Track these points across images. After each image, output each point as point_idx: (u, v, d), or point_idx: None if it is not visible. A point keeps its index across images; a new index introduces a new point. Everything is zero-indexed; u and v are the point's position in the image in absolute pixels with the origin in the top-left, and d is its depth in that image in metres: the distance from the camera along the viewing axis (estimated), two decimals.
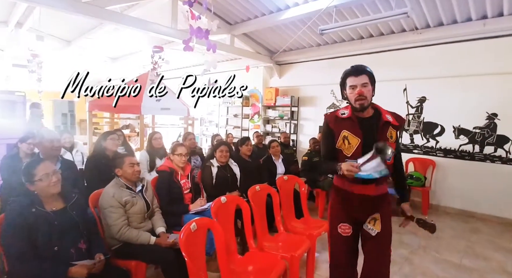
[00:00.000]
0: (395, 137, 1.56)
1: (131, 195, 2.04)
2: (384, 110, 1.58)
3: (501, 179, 3.95)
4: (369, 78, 1.49)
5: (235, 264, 1.93)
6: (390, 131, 1.52)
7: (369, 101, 1.50)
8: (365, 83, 1.47)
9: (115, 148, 2.87)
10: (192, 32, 2.43)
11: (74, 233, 1.64)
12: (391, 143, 1.49)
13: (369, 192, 1.53)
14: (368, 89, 1.49)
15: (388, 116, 1.54)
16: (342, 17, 4.26)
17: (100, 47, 7.27)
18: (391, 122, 1.53)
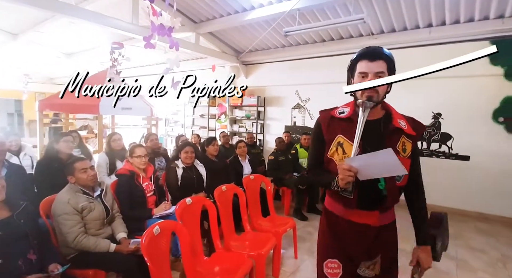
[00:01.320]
0: (409, 150, 1.13)
1: (89, 200, 1.92)
2: (397, 114, 1.19)
3: (445, 172, 4.41)
4: (387, 66, 1.10)
5: (201, 266, 1.91)
6: (402, 142, 1.13)
7: (381, 97, 1.11)
8: (381, 72, 1.09)
9: (70, 151, 2.68)
10: (154, 29, 2.35)
11: (22, 243, 1.51)
12: (404, 158, 1.11)
13: (371, 221, 1.15)
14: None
15: (401, 122, 1.15)
16: (305, 20, 4.41)
17: (53, 41, 6.70)
18: (405, 130, 1.13)
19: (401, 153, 1.12)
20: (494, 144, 4.09)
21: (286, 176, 4.08)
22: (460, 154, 4.34)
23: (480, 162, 4.22)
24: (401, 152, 1.12)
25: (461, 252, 3.05)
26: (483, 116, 4.12)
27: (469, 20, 3.96)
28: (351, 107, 1.19)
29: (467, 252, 3.06)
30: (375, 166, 0.99)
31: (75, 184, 1.94)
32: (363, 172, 1.01)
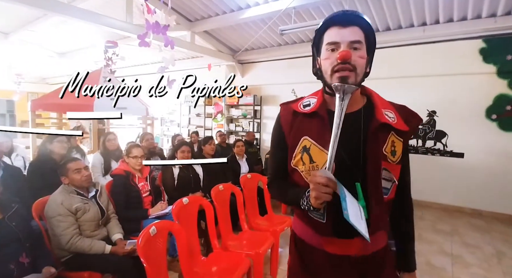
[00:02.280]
0: (400, 153, 0.86)
1: (83, 201, 1.89)
2: (383, 102, 0.89)
3: (440, 169, 4.43)
4: (364, 34, 0.81)
5: (198, 266, 1.89)
6: (391, 141, 0.84)
7: (359, 77, 0.80)
8: (357, 42, 0.79)
9: (63, 151, 2.64)
10: (149, 27, 2.31)
11: (14, 246, 1.48)
12: (392, 163, 0.84)
13: (352, 251, 0.86)
14: (361, 54, 0.80)
15: (388, 113, 0.85)
16: (301, 19, 4.40)
17: (45, 40, 6.60)
18: (393, 124, 0.83)
19: (390, 157, 0.84)
20: (488, 141, 4.12)
21: None
22: (455, 151, 4.37)
23: (474, 159, 4.26)
24: (389, 155, 0.84)
25: (456, 248, 3.07)
26: (476, 113, 4.15)
27: (462, 18, 3.99)
28: (319, 97, 0.89)
29: (462, 248, 3.08)
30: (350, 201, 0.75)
31: (69, 184, 1.90)
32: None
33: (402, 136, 0.87)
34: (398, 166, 0.87)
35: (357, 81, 0.80)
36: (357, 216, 0.73)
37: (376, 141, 0.83)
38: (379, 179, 0.84)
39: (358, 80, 0.80)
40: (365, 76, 0.84)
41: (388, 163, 0.85)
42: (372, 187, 0.84)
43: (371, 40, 0.84)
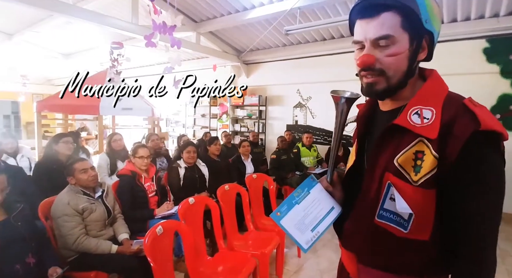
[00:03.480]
0: (427, 170, 0.61)
1: (89, 201, 1.88)
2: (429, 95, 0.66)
3: None
4: (402, 19, 0.62)
5: (204, 266, 1.87)
6: (414, 151, 0.63)
7: (394, 79, 0.66)
8: (383, 37, 0.63)
9: (69, 152, 2.64)
10: (155, 27, 2.31)
11: (19, 246, 1.47)
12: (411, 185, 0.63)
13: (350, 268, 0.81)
14: (391, 52, 0.64)
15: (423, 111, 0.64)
16: (306, 19, 4.38)
17: (50, 42, 6.65)
18: (411, 128, 0.63)
19: (408, 174, 0.63)
20: None
21: (289, 174, 4.05)
22: None
23: None
24: (407, 170, 0.63)
25: None
26: None
27: (466, 19, 3.97)
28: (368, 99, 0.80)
29: None
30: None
31: (75, 185, 1.90)
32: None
33: (441, 147, 0.59)
34: (419, 190, 0.61)
35: (392, 84, 0.66)
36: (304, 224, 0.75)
37: (379, 147, 0.69)
38: (368, 194, 0.70)
39: (394, 82, 0.66)
40: (411, 72, 0.67)
41: (402, 181, 0.64)
42: (359, 202, 0.73)
43: (414, 18, 0.62)
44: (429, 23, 0.62)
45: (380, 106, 0.76)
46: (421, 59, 0.68)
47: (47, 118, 5.31)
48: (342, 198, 0.83)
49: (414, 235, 0.64)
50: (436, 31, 0.65)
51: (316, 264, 2.64)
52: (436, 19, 0.64)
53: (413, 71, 0.68)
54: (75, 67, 8.14)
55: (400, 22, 0.63)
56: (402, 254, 0.67)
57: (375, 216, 0.69)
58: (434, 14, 0.63)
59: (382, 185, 0.67)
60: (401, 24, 0.63)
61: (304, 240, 0.74)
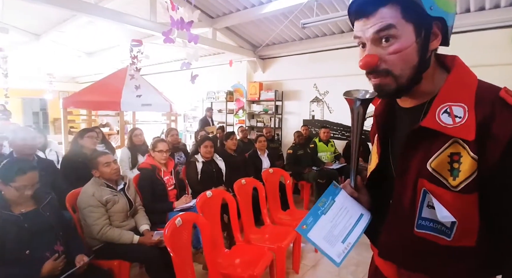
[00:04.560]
0: (467, 174, 0.55)
1: (112, 193, 1.97)
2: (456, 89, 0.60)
3: None
4: (402, 13, 0.57)
5: (222, 258, 1.92)
6: (449, 154, 0.58)
7: (403, 78, 0.60)
8: (384, 28, 0.57)
9: (94, 146, 2.76)
10: (173, 23, 2.34)
11: (48, 235, 1.56)
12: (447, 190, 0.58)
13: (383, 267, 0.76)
14: (395, 48, 0.58)
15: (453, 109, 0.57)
16: (323, 11, 4.28)
17: (74, 41, 6.92)
18: (448, 131, 0.57)
19: (445, 179, 0.58)
20: None
21: (305, 170, 4.03)
22: None
23: None
24: (444, 175, 0.58)
25: None
26: None
27: (495, 6, 3.73)
28: None
29: None
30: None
31: (99, 177, 1.98)
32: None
33: (480, 148, 0.54)
34: (459, 196, 0.56)
35: (402, 83, 0.60)
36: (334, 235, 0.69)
37: (408, 152, 0.62)
38: (402, 204, 0.65)
39: (403, 81, 0.60)
40: (423, 65, 0.60)
41: (439, 187, 0.58)
42: (392, 212, 0.67)
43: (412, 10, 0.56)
44: (436, 9, 0.55)
45: (399, 103, 0.70)
46: (434, 47, 0.61)
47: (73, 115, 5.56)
48: (369, 202, 0.77)
49: (459, 242, 0.59)
50: (449, 13, 0.58)
51: None
52: (445, 0, 0.57)
53: (427, 64, 0.61)
54: (97, 65, 8.45)
55: (400, 14, 0.56)
56: (447, 263, 0.62)
57: (414, 227, 0.63)
58: None
59: (416, 192, 0.62)
60: (402, 15, 0.56)
61: (335, 253, 0.68)
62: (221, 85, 6.75)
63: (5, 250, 1.42)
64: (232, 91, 6.60)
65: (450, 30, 0.61)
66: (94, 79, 8.21)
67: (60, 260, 1.50)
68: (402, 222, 0.65)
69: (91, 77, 9.83)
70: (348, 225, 0.71)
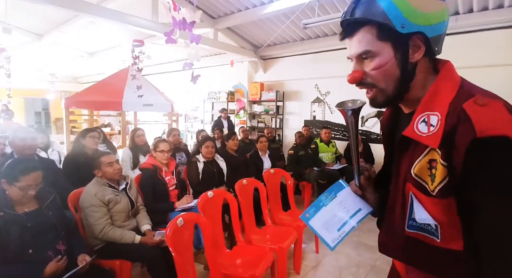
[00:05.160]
0: (440, 176, 0.58)
1: (114, 193, 1.97)
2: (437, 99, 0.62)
3: None
4: (378, 34, 0.62)
5: (223, 258, 1.92)
6: (429, 160, 0.61)
7: (389, 89, 0.66)
8: (362, 53, 0.65)
9: (95, 146, 2.77)
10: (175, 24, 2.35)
11: (51, 234, 1.57)
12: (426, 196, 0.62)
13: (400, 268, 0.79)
14: (375, 65, 0.64)
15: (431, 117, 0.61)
16: (325, 12, 4.28)
17: (76, 41, 6.95)
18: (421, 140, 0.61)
19: (428, 184, 0.61)
20: None
21: (306, 170, 4.03)
22: None
23: None
24: (425, 180, 0.62)
25: None
26: None
27: (499, 6, 3.72)
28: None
29: None
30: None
31: (101, 177, 1.99)
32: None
33: (448, 156, 0.56)
34: (436, 200, 0.60)
35: (389, 94, 0.66)
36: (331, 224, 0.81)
37: (399, 158, 0.68)
38: (395, 204, 0.70)
39: (390, 92, 0.66)
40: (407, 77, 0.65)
41: (420, 191, 0.62)
42: (388, 213, 0.73)
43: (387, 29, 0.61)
44: (409, 25, 0.60)
45: (402, 108, 0.75)
46: (416, 59, 0.64)
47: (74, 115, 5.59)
48: (376, 199, 0.83)
49: (448, 245, 0.61)
50: (429, 26, 0.60)
51: (335, 260, 2.62)
52: (419, 15, 0.60)
53: (411, 75, 0.65)
54: (99, 65, 8.47)
55: (376, 34, 0.62)
56: (441, 265, 0.63)
57: (405, 227, 0.67)
58: (415, 11, 0.59)
59: (406, 196, 0.67)
60: (377, 36, 0.62)
61: (330, 239, 0.80)
62: (222, 85, 6.76)
63: (8, 249, 1.42)
64: (233, 91, 6.61)
65: (437, 39, 0.63)
66: (96, 79, 8.24)
67: (62, 261, 1.51)
68: (396, 223, 0.70)
69: (93, 77, 9.86)
70: (345, 217, 0.81)
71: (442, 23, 0.62)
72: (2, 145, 2.75)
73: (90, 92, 4.71)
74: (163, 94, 5.14)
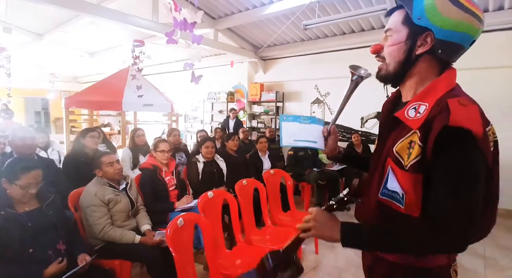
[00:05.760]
0: (414, 154, 0.69)
1: (115, 193, 1.97)
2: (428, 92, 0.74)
3: None
4: (404, 19, 0.75)
5: (223, 258, 1.92)
6: (409, 141, 0.72)
7: (391, 66, 0.79)
8: (386, 29, 0.80)
9: (95, 146, 2.77)
10: (176, 24, 2.35)
11: (51, 233, 1.57)
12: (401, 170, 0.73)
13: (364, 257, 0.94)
14: (389, 42, 0.78)
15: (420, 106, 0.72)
16: (325, 13, 4.30)
17: (76, 41, 6.95)
18: (404, 120, 0.74)
19: (404, 160, 0.72)
20: None
21: (306, 171, 4.03)
22: None
23: (510, 158, 3.97)
24: (402, 157, 0.73)
25: (489, 250, 2.92)
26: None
27: (499, 8, 3.74)
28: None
29: (495, 250, 2.94)
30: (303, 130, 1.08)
31: (102, 177, 1.99)
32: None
33: (425, 138, 0.67)
34: (407, 174, 0.71)
35: (390, 71, 0.80)
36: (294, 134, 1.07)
37: (385, 137, 0.81)
38: (375, 173, 0.82)
39: (390, 69, 0.80)
40: (407, 64, 0.77)
41: (397, 166, 0.74)
42: (368, 181, 0.87)
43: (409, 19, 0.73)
44: (424, 19, 0.70)
45: (402, 97, 0.85)
46: (419, 52, 0.75)
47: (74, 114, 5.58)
48: (333, 146, 1.06)
49: (409, 211, 0.73)
50: (437, 27, 0.70)
51: (334, 261, 2.62)
52: (437, 15, 0.69)
53: (411, 64, 0.77)
54: (99, 65, 8.47)
55: (403, 18, 0.76)
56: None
57: (379, 194, 0.80)
58: (436, 10, 0.69)
59: (384, 168, 0.78)
60: (402, 20, 0.76)
61: (285, 140, 1.07)
62: (222, 86, 6.76)
63: (9, 249, 1.42)
64: (233, 92, 6.61)
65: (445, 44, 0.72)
66: (96, 79, 8.23)
67: (64, 263, 1.51)
68: (372, 189, 0.82)
69: (93, 77, 9.86)
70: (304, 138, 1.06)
71: (455, 33, 0.70)
72: (2, 144, 2.75)
73: (90, 92, 4.71)
74: (163, 94, 5.14)
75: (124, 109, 4.32)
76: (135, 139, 3.22)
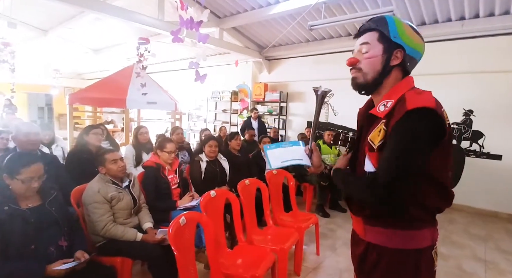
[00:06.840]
0: (381, 137, 0.85)
1: (117, 190, 1.97)
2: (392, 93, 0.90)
3: (475, 172, 4.18)
4: (379, 37, 0.90)
5: (224, 258, 1.92)
6: (379, 130, 0.87)
7: (369, 75, 0.91)
8: (363, 43, 0.92)
9: (98, 143, 2.77)
10: (182, 23, 2.35)
11: (53, 230, 1.56)
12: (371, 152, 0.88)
13: (358, 229, 1.02)
14: (367, 55, 0.91)
15: (388, 102, 0.87)
16: (331, 14, 4.29)
17: (81, 37, 6.97)
18: (375, 113, 0.90)
19: (374, 144, 0.87)
20: None
21: (308, 172, 4.02)
22: (492, 152, 4.08)
23: None
24: (375, 142, 0.87)
25: (490, 253, 2.91)
26: None
27: (505, 12, 3.72)
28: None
29: (496, 254, 2.93)
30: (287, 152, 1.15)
31: (105, 174, 1.99)
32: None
33: (388, 124, 0.86)
34: (376, 154, 0.87)
35: (368, 79, 0.92)
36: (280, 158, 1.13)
37: (365, 132, 0.95)
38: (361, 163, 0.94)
39: (369, 78, 0.92)
40: (384, 73, 0.91)
41: (370, 151, 0.90)
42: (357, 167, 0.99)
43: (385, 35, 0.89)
44: (398, 38, 0.88)
45: (375, 102, 0.99)
46: (394, 64, 0.90)
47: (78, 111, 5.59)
48: (317, 163, 1.13)
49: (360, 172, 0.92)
50: (407, 45, 0.88)
51: (335, 262, 2.62)
52: (406, 36, 0.88)
53: (386, 73, 0.91)
54: (104, 62, 8.49)
55: (377, 37, 0.91)
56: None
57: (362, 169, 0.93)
58: (405, 33, 0.88)
59: (364, 155, 0.92)
60: (377, 38, 0.91)
61: (273, 163, 1.13)
62: (226, 85, 6.76)
63: (11, 245, 1.42)
64: (237, 91, 6.61)
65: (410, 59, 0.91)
66: (100, 76, 8.26)
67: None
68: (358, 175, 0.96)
69: (97, 74, 9.88)
70: (290, 158, 1.13)
71: (416, 51, 0.91)
72: (5, 140, 2.76)
73: (94, 89, 4.72)
74: (167, 92, 5.14)
75: (128, 106, 4.33)
76: (139, 137, 3.23)
